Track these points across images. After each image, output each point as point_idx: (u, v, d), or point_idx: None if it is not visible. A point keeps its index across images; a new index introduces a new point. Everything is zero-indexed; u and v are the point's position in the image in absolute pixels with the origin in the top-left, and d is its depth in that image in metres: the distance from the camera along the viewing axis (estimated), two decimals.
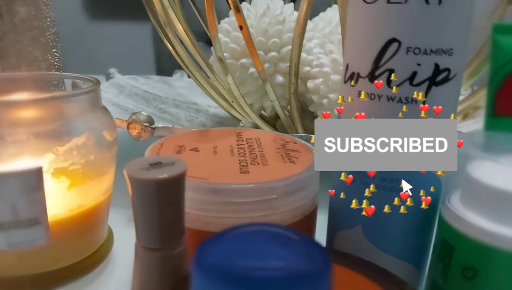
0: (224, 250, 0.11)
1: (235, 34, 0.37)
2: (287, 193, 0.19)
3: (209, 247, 0.11)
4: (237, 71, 0.38)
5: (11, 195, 0.19)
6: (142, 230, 0.16)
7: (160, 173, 0.15)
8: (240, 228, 0.12)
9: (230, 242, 0.11)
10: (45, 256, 0.21)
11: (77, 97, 0.20)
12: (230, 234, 0.11)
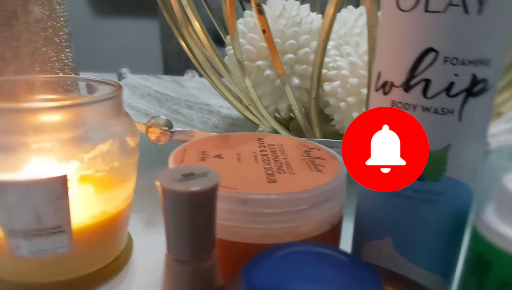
0: (273, 271, 0.10)
1: (251, 35, 0.37)
2: (316, 203, 0.19)
3: (257, 267, 0.10)
4: (252, 73, 0.37)
5: (36, 203, 0.19)
6: (173, 242, 0.16)
7: (193, 185, 0.15)
8: (286, 248, 0.11)
9: (278, 263, 0.11)
10: (67, 263, 0.21)
11: (101, 103, 0.20)
12: (277, 254, 0.11)
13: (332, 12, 0.25)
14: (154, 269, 0.24)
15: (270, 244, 0.19)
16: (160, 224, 0.30)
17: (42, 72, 0.36)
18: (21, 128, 0.18)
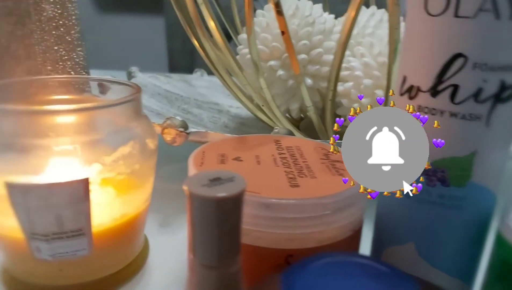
0: (313, 282, 0.10)
1: (264, 35, 0.37)
2: (340, 208, 0.19)
3: (297, 279, 0.10)
4: (264, 73, 0.37)
5: (58, 206, 0.18)
6: (200, 247, 0.16)
7: (221, 191, 0.15)
8: (324, 258, 0.11)
9: (318, 273, 0.11)
10: (87, 266, 0.21)
11: (122, 105, 0.20)
12: (316, 264, 0.11)
13: (353, 15, 0.24)
14: (170, 270, 0.24)
15: (292, 249, 0.19)
16: (174, 225, 0.30)
17: (53, 70, 0.35)
18: (43, 130, 0.18)
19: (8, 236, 0.20)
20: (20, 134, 0.18)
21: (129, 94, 0.21)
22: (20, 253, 0.20)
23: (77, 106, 0.18)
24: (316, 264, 0.11)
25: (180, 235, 0.28)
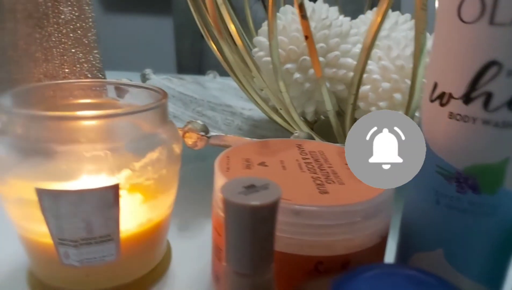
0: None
1: (280, 38, 0.37)
2: (370, 215, 0.19)
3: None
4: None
5: (87, 212, 0.18)
6: (234, 254, 0.16)
7: (257, 199, 0.15)
8: (371, 270, 0.11)
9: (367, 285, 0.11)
10: (113, 271, 0.21)
11: (151, 111, 0.20)
12: (364, 276, 0.11)
13: (380, 21, 0.24)
14: (193, 275, 0.24)
15: (322, 256, 0.19)
16: (193, 228, 0.30)
17: (71, 73, 0.35)
18: (73, 136, 0.18)
19: (36, 241, 0.20)
20: (50, 140, 0.18)
21: (156, 100, 0.20)
22: (47, 258, 0.20)
23: (108, 112, 0.18)
24: (364, 275, 0.11)
25: (200, 239, 0.28)
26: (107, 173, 0.18)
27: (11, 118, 0.18)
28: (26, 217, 0.20)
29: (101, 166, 0.18)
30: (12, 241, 0.26)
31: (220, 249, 0.21)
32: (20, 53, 0.34)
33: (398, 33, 0.40)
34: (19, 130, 0.18)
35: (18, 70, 0.34)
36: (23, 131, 0.18)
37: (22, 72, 0.34)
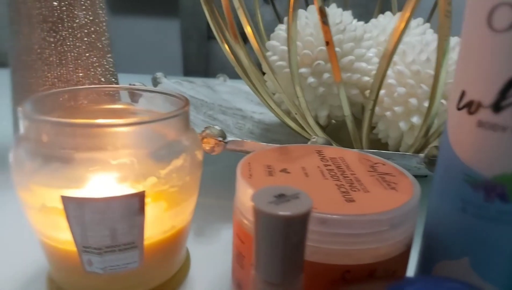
0: None
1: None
2: (397, 224, 0.18)
3: None
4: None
5: (113, 220, 0.18)
6: (264, 263, 0.16)
7: (288, 209, 0.15)
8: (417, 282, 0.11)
9: None
10: (134, 278, 0.21)
11: (176, 118, 0.20)
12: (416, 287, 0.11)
13: (403, 28, 0.24)
14: (212, 281, 0.24)
15: (347, 265, 0.19)
16: (209, 234, 0.30)
17: (85, 77, 0.35)
18: (100, 143, 0.18)
19: (58, 248, 0.20)
20: (76, 147, 0.18)
21: (177, 106, 0.20)
22: (69, 265, 0.20)
23: (135, 119, 0.18)
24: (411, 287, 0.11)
25: (216, 245, 0.28)
26: (132, 180, 0.18)
27: (35, 124, 0.18)
28: (49, 224, 0.20)
29: (127, 174, 0.18)
30: (31, 246, 0.26)
31: (242, 256, 0.21)
32: (35, 57, 0.34)
33: (411, 38, 0.40)
34: (43, 137, 0.18)
35: (32, 74, 0.34)
36: (48, 138, 0.18)
37: (36, 76, 0.34)
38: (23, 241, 0.27)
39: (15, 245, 0.27)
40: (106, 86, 0.25)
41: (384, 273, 0.19)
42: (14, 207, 0.32)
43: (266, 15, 0.83)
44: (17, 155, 0.19)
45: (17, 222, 0.30)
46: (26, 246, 0.27)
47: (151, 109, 0.24)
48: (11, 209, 0.32)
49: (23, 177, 0.19)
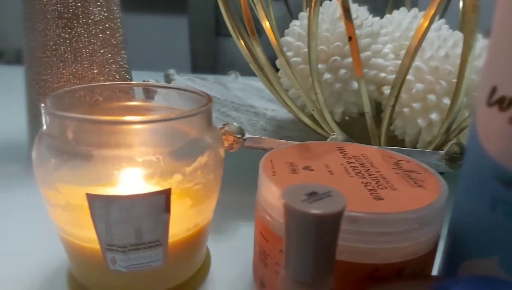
0: None
1: None
2: (426, 222, 0.18)
3: None
4: (309, 77, 0.37)
5: (139, 217, 0.18)
6: (294, 262, 0.16)
7: (322, 207, 0.14)
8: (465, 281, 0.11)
9: None
10: (157, 276, 0.21)
11: (199, 115, 0.19)
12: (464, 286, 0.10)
13: (427, 26, 0.24)
14: (233, 279, 0.24)
15: (376, 264, 0.18)
16: (227, 231, 0.30)
17: (100, 74, 0.35)
18: (126, 141, 0.18)
19: (81, 246, 0.20)
20: (101, 144, 0.18)
21: (203, 104, 0.20)
22: (92, 263, 0.20)
23: (161, 116, 0.18)
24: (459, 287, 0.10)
25: (235, 242, 0.28)
26: (158, 178, 0.18)
27: (60, 121, 0.18)
28: (73, 222, 0.19)
29: (153, 171, 0.18)
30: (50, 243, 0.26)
31: (266, 254, 0.21)
32: (49, 54, 0.34)
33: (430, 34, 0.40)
34: (68, 134, 0.18)
35: (47, 71, 0.34)
36: (73, 135, 0.18)
37: (51, 73, 0.34)
38: (42, 238, 0.27)
39: (34, 242, 0.27)
40: (130, 83, 0.24)
41: (412, 272, 0.19)
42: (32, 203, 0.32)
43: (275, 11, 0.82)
44: (40, 153, 0.19)
45: (36, 218, 0.30)
46: (45, 243, 0.27)
47: (170, 106, 0.24)
48: (28, 205, 0.32)
49: (47, 175, 0.19)
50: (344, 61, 0.35)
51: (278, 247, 0.20)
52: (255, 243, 0.22)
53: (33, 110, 0.37)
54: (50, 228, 0.28)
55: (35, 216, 0.30)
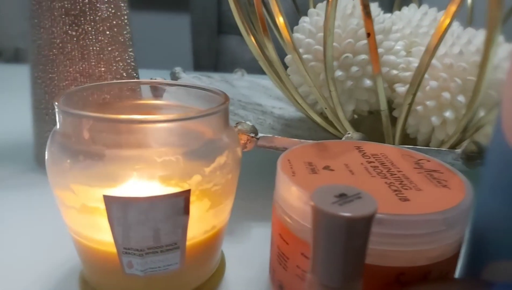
0: None
1: (320, 35, 0.35)
2: (454, 223, 0.18)
3: None
4: (321, 74, 0.36)
5: (157, 220, 0.18)
6: (322, 266, 0.15)
7: (353, 210, 0.14)
8: None
9: None
10: (173, 280, 0.20)
11: (217, 114, 0.19)
12: None
13: (448, 23, 0.23)
14: (249, 282, 0.23)
15: (402, 267, 0.18)
16: (239, 233, 0.29)
17: (107, 72, 0.35)
18: (144, 140, 0.17)
19: (97, 249, 0.19)
20: (119, 144, 0.17)
21: (220, 103, 0.19)
22: (107, 267, 0.20)
23: (180, 115, 0.17)
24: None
25: (247, 244, 0.28)
26: (178, 179, 0.17)
27: (75, 120, 0.17)
28: (88, 225, 0.19)
29: (172, 172, 0.17)
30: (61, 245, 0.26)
31: (286, 257, 0.20)
32: (56, 51, 0.33)
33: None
34: (84, 134, 0.17)
35: (53, 69, 0.33)
36: (89, 134, 0.17)
37: (58, 71, 0.33)
38: (51, 239, 0.27)
39: (42, 244, 0.27)
40: (150, 81, 0.24)
41: (438, 275, 0.18)
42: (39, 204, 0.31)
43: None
44: (53, 153, 0.19)
45: (42, 219, 0.29)
46: (54, 245, 0.26)
47: (182, 104, 0.23)
48: (36, 206, 0.31)
49: (61, 176, 0.18)
50: (356, 58, 0.35)
51: (299, 249, 0.19)
52: (273, 245, 0.22)
53: (38, 109, 0.36)
54: (58, 228, 0.27)
55: (41, 216, 0.30)
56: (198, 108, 0.22)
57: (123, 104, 0.23)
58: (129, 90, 0.24)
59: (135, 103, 0.23)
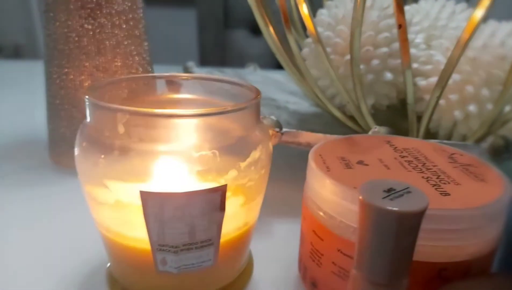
0: None
1: (340, 28, 0.35)
2: (494, 218, 0.17)
3: None
4: (340, 67, 0.36)
5: (193, 216, 0.17)
6: (370, 262, 0.15)
7: (404, 205, 0.14)
8: None
9: None
10: (205, 277, 0.20)
11: (251, 108, 0.18)
12: None
13: (482, 16, 0.23)
14: (278, 279, 0.23)
15: (444, 262, 0.17)
16: (265, 229, 0.29)
17: (123, 66, 0.34)
18: (180, 135, 0.17)
19: (129, 246, 0.19)
20: (155, 139, 0.17)
21: (252, 98, 0.19)
22: (139, 264, 0.19)
23: (217, 109, 0.17)
24: None
25: (274, 240, 0.27)
26: (214, 174, 0.17)
27: (109, 114, 0.17)
28: (120, 221, 0.18)
29: (209, 167, 0.17)
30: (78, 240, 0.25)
31: (320, 254, 0.20)
32: (72, 46, 0.33)
33: (457, 23, 0.39)
34: (119, 128, 0.17)
35: (70, 64, 0.33)
36: (124, 129, 0.17)
37: (74, 65, 0.33)
38: (68, 236, 0.26)
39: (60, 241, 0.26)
40: (181, 75, 0.23)
41: (478, 270, 0.18)
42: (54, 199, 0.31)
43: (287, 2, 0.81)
44: (84, 148, 0.18)
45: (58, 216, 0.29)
46: (72, 242, 0.26)
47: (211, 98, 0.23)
48: (51, 202, 0.31)
49: (94, 171, 0.18)
50: (377, 51, 0.34)
51: (336, 246, 0.19)
52: (304, 242, 0.21)
53: (53, 105, 0.35)
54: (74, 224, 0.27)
55: (56, 212, 0.29)
56: (229, 102, 0.21)
57: (149, 98, 0.23)
58: (150, 84, 0.24)
59: (164, 97, 0.23)
